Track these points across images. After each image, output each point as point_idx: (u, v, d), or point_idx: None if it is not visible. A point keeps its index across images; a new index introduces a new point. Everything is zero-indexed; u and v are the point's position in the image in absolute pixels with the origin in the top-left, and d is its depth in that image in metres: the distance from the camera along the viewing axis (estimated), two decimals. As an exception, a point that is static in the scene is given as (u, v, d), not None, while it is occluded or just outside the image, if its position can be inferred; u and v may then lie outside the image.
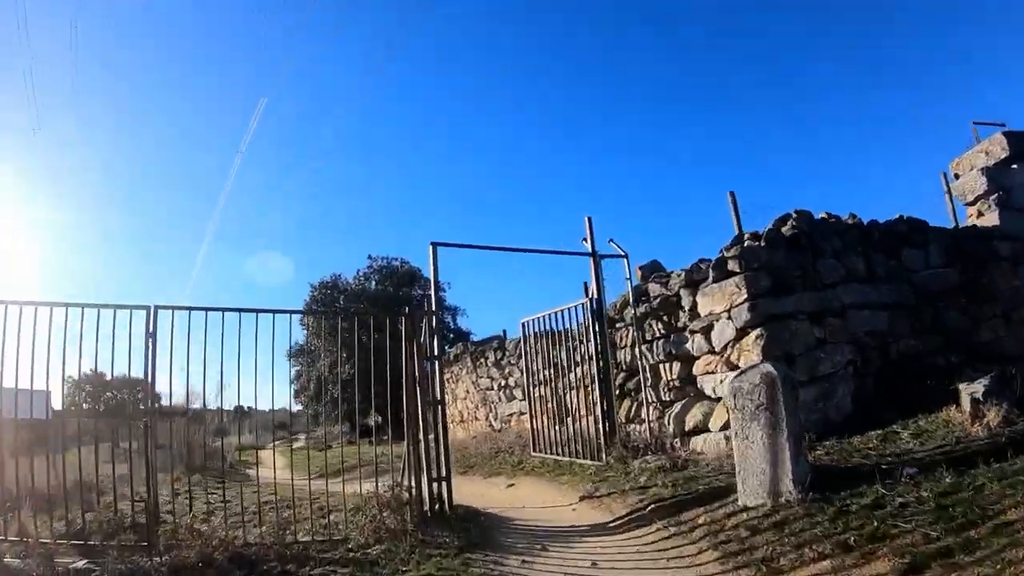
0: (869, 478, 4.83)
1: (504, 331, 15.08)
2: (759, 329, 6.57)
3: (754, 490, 4.90)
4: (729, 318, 6.88)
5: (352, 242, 68.78)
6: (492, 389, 13.91)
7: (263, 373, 5.82)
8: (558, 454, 8.74)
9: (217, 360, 5.92)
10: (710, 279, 7.12)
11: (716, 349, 7.09)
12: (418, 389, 6.41)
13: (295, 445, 29.32)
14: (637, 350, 8.14)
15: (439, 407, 6.61)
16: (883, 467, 5.14)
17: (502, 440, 12.19)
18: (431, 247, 7.03)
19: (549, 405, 9.36)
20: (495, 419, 13.99)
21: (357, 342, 6.26)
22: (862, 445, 6.03)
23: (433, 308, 6.84)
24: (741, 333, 6.77)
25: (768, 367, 5.00)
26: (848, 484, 4.83)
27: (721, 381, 7.05)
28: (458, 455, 12.09)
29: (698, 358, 7.40)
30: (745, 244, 7.01)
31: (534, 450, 9.47)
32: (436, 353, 6.69)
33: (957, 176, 10.93)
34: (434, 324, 6.73)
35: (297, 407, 30.86)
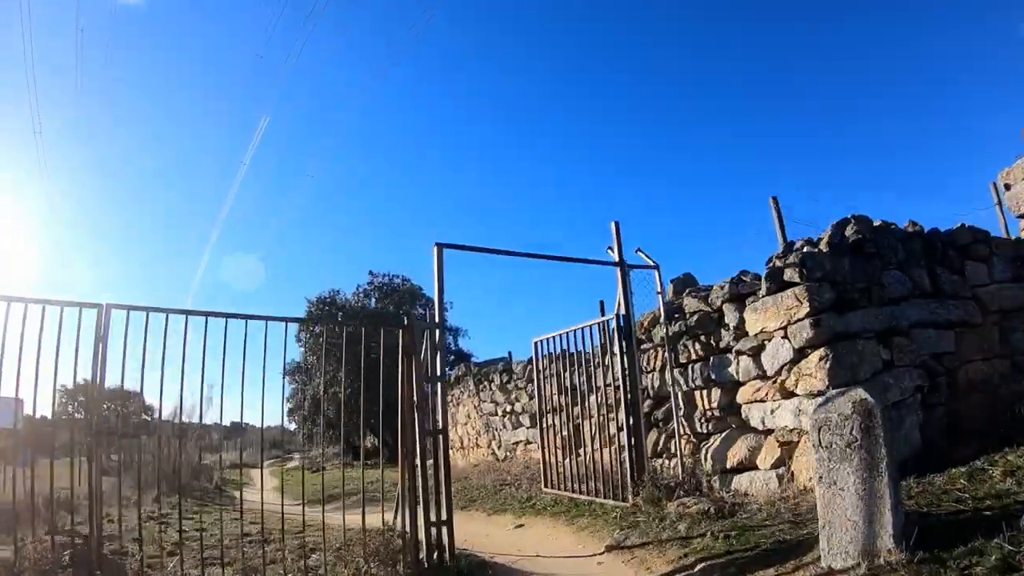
0: (980, 529, 3.84)
1: (509, 352, 14.08)
2: (823, 349, 5.54)
3: (843, 547, 3.84)
4: (785, 337, 5.85)
5: (353, 254, 68.08)
6: (496, 415, 12.84)
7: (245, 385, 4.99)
8: (574, 491, 7.65)
9: (196, 370, 5.00)
10: (763, 291, 6.09)
11: (768, 373, 6.05)
12: (416, 414, 5.38)
13: (288, 465, 28.59)
14: (668, 374, 7.10)
15: (440, 437, 5.56)
16: (986, 514, 4.21)
17: (507, 471, 11.12)
18: (436, 248, 6.02)
19: (562, 435, 8.30)
20: (499, 447, 12.91)
21: (345, 356, 5.24)
22: (948, 486, 5.04)
23: (436, 320, 5.80)
24: (800, 354, 5.74)
25: (861, 393, 3.98)
26: (955, 538, 3.80)
27: (772, 411, 6.01)
28: (458, 486, 11.01)
29: (744, 384, 6.36)
30: (804, 250, 6.00)
31: (546, 486, 8.38)
32: (438, 372, 5.65)
33: (1008, 187, 10.03)
34: (437, 339, 5.69)
35: (292, 426, 30.23)
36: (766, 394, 6.04)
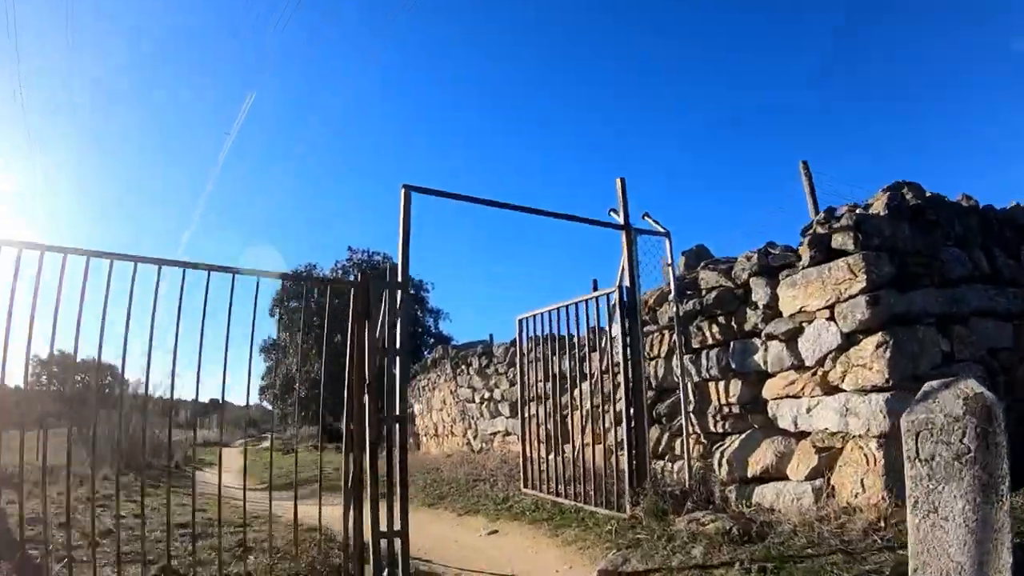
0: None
1: (491, 335, 12.95)
2: (880, 334, 4.43)
3: (941, 603, 2.75)
4: (832, 318, 4.74)
5: (338, 237, 66.87)
6: (473, 402, 11.72)
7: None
8: (558, 494, 6.54)
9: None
10: (804, 261, 4.96)
11: (806, 363, 4.92)
12: (368, 395, 4.21)
13: (263, 445, 27.58)
14: (676, 362, 5.98)
15: (397, 425, 4.39)
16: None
17: (483, 465, 10.00)
18: (403, 191, 4.84)
19: (547, 427, 7.19)
20: (474, 437, 11.81)
21: (275, 315, 4.07)
22: (1037, 508, 4.02)
23: (399, 278, 4.63)
24: (848, 340, 4.63)
25: (974, 386, 2.88)
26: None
27: (808, 410, 4.90)
28: (428, 479, 9.96)
29: (773, 375, 5.23)
30: (857, 212, 4.89)
31: (525, 485, 7.26)
32: (398, 343, 4.46)
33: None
34: (399, 301, 4.52)
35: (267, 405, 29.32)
36: (802, 388, 4.92)
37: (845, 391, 4.64)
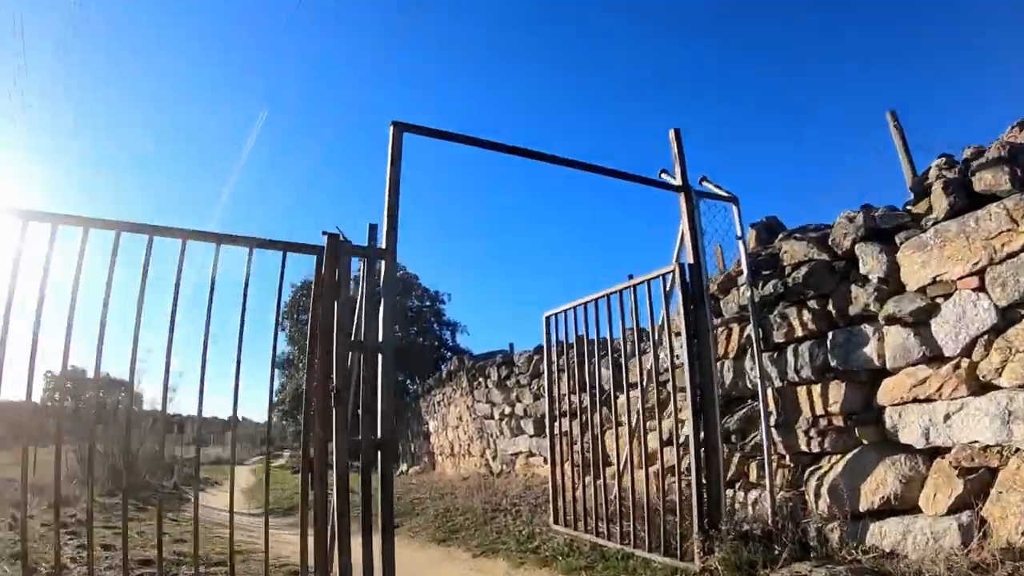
0: None
1: (511, 344, 11.64)
2: (1057, 308, 3.12)
3: None
4: (980, 287, 3.42)
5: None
6: (492, 418, 10.43)
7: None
8: (599, 534, 5.21)
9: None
10: (939, 211, 3.62)
11: (945, 352, 3.59)
12: (334, 407, 2.96)
13: (278, 463, 26.58)
14: (750, 362, 4.67)
15: (381, 453, 3.12)
16: None
17: (503, 491, 8.69)
18: (391, 130, 3.62)
19: (580, 448, 5.89)
20: (493, 458, 10.52)
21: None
22: None
23: (383, 244, 3.39)
24: (1007, 317, 3.30)
25: None
26: None
27: (947, 417, 3.56)
28: (440, 507, 8.66)
29: (892, 372, 3.89)
30: (1005, 142, 3.57)
31: (556, 521, 5.94)
32: (381, 334, 3.21)
33: None
34: (384, 273, 3.28)
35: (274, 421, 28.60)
36: (938, 388, 3.58)
37: (1003, 388, 3.31)
